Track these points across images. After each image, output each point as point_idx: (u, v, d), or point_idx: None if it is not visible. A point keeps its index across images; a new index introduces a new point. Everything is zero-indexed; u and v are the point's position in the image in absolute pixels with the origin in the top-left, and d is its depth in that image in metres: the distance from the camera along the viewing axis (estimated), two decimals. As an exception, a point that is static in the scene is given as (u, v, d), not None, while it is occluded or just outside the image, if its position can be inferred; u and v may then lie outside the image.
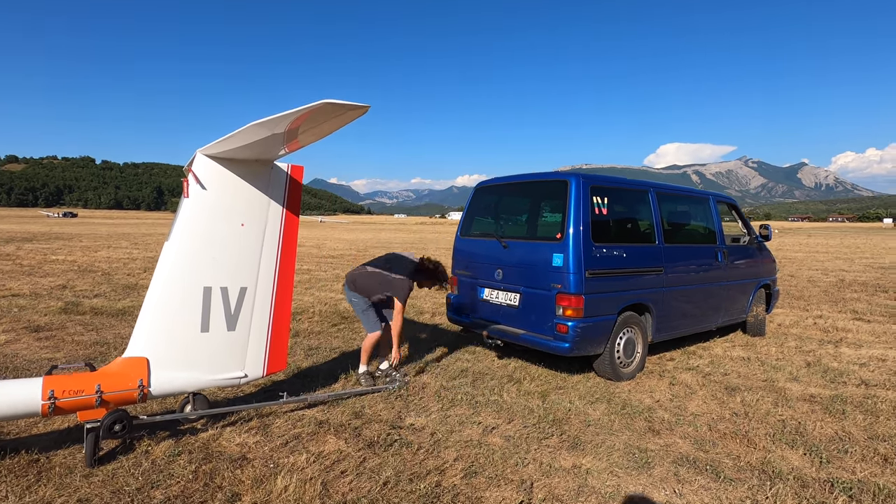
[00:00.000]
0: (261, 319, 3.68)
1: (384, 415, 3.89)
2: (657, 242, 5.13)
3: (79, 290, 9.26)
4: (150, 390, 3.23)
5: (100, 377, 3.10)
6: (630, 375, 4.87)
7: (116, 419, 3.08)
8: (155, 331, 3.29)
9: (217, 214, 3.45)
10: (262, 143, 3.05)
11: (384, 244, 26.96)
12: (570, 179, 4.59)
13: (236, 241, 3.54)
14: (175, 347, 3.34)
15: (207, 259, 3.43)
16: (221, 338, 3.51)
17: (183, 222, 3.35)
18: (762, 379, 4.93)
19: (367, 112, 2.56)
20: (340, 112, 2.52)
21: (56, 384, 2.95)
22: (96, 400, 3.03)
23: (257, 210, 3.62)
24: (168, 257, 3.33)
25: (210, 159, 3.39)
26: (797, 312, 8.50)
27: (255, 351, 3.68)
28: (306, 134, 2.92)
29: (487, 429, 3.68)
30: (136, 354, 3.24)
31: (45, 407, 2.90)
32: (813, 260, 19.15)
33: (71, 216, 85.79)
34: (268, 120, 2.61)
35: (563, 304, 4.41)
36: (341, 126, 2.82)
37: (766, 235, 6.65)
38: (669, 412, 4.05)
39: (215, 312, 3.48)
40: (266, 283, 3.69)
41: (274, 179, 3.70)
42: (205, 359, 3.46)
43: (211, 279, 3.44)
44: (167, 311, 3.32)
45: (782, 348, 6.14)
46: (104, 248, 18.77)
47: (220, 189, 3.45)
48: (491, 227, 5.55)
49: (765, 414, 4.04)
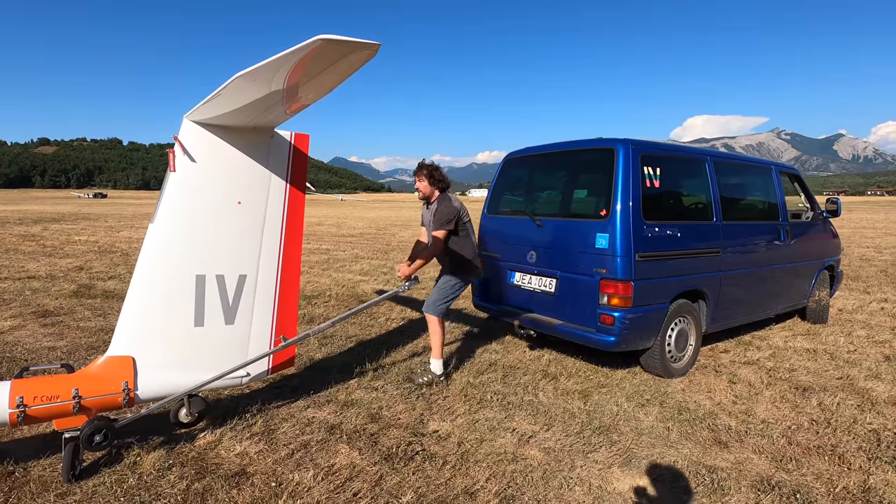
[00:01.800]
0: (263, 311, 3.25)
1: (404, 418, 3.42)
2: (714, 220, 4.46)
3: (95, 271, 9.06)
4: (136, 394, 2.83)
5: (78, 380, 2.71)
6: (682, 371, 4.28)
7: (96, 429, 2.67)
8: (141, 326, 2.87)
9: (209, 191, 2.98)
10: (256, 104, 2.50)
11: (405, 222, 26.50)
12: (618, 147, 3.94)
13: (233, 222, 3.08)
14: (164, 344, 2.92)
15: (199, 243, 2.98)
16: (218, 332, 3.08)
17: (169, 200, 2.89)
18: (837, 377, 4.29)
19: (376, 53, 1.97)
20: (341, 54, 1.95)
21: (26, 389, 2.56)
22: (74, 406, 2.63)
23: (256, 185, 3.15)
24: (153, 241, 2.88)
25: (199, 126, 2.90)
26: (857, 295, 7.70)
27: (258, 346, 3.24)
28: (307, 88, 2.34)
29: (523, 438, 3.17)
30: (120, 353, 2.83)
31: (14, 416, 2.51)
32: (861, 236, 17.89)
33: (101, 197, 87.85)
34: (256, 68, 2.05)
35: (609, 292, 3.82)
36: (346, 76, 2.23)
37: (834, 211, 5.87)
38: (735, 418, 3.48)
39: (210, 304, 3.04)
40: (269, 269, 3.24)
41: (275, 150, 3.20)
42: (199, 356, 3.04)
43: (204, 266, 3.00)
44: (154, 304, 2.89)
45: (851, 338, 5.44)
46: (126, 228, 18.80)
47: (212, 161, 2.97)
48: (522, 204, 4.94)
49: (851, 422, 3.43)
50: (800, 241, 5.47)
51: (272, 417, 3.38)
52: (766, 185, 5.28)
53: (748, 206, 5.21)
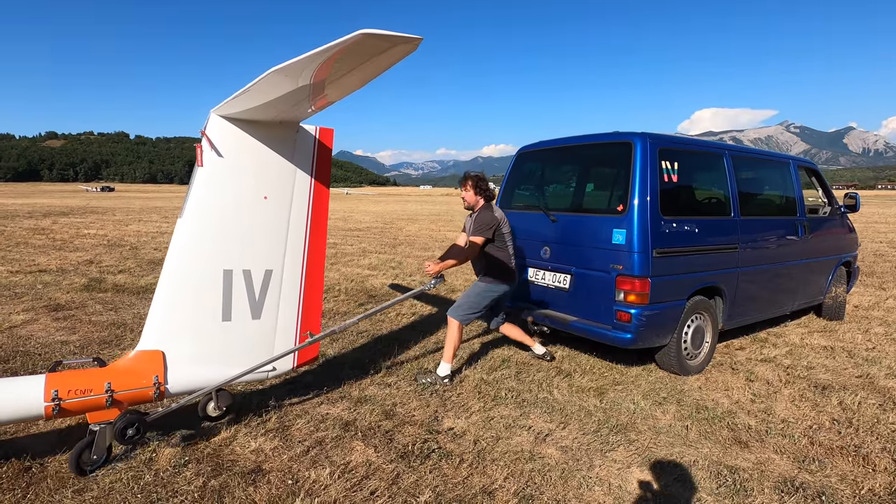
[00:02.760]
0: (289, 306, 3.26)
1: (418, 415, 3.40)
2: (732, 215, 4.38)
3: (105, 265, 9.10)
4: (166, 388, 2.85)
5: (110, 374, 2.73)
6: (698, 369, 4.23)
7: (129, 423, 2.71)
8: (170, 321, 2.90)
9: (236, 185, 3.00)
10: (284, 99, 2.48)
11: (411, 215, 26.46)
12: (636, 141, 3.86)
13: (259, 217, 3.09)
14: (193, 339, 2.95)
15: (227, 238, 3.00)
16: (245, 327, 3.11)
17: (197, 195, 2.90)
18: (856, 375, 4.22)
19: (416, 48, 1.90)
20: (382, 48, 1.90)
21: (61, 383, 2.58)
22: (107, 400, 2.65)
23: (282, 180, 3.16)
24: (182, 236, 2.90)
25: (226, 121, 2.90)
26: (873, 291, 7.58)
27: (284, 341, 3.26)
28: (335, 85, 2.32)
29: (540, 436, 3.14)
30: (151, 347, 2.85)
31: (49, 409, 2.52)
32: (874, 231, 17.66)
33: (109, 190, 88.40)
34: (290, 64, 2.02)
35: (626, 289, 3.76)
36: (381, 71, 2.18)
37: (853, 206, 5.77)
38: (755, 418, 3.42)
39: (237, 299, 3.06)
40: (294, 264, 3.25)
41: (300, 145, 3.20)
42: (227, 351, 3.06)
43: (231, 261, 3.02)
44: (184, 299, 2.92)
45: (868, 335, 5.35)
46: (135, 222, 18.89)
47: (239, 156, 2.98)
48: (536, 199, 4.88)
49: (873, 422, 3.37)
50: (817, 237, 5.38)
51: (286, 414, 3.36)
52: (783, 180, 5.19)
53: (766, 201, 5.12)
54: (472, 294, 4.01)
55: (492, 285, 3.97)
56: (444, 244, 13.31)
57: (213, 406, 3.14)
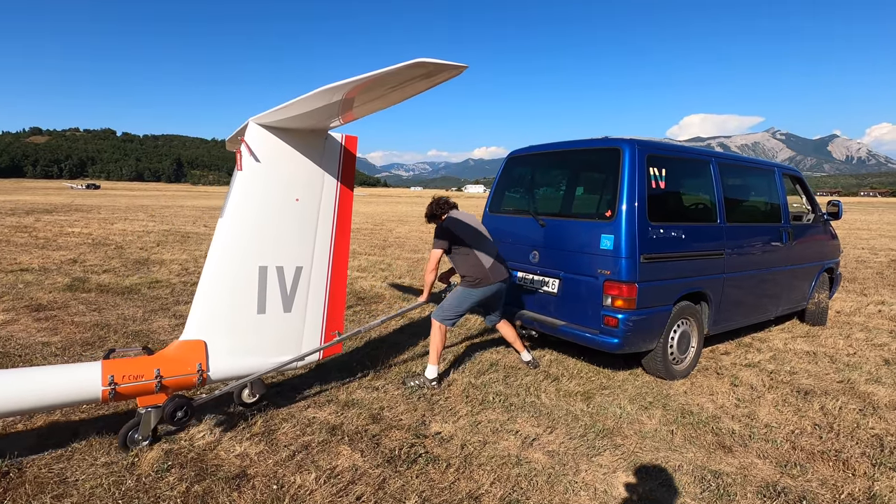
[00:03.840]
0: (316, 300, 3.49)
1: (405, 419, 3.39)
2: (718, 221, 4.44)
3: (89, 264, 8.95)
4: (208, 374, 3.08)
5: (158, 361, 2.94)
6: (684, 373, 4.27)
7: (178, 406, 2.92)
8: (211, 313, 3.12)
9: (272, 188, 3.23)
10: (321, 111, 2.71)
11: (401, 217, 26.42)
12: (624, 147, 3.90)
13: (291, 218, 3.33)
14: (232, 330, 3.17)
15: (263, 237, 3.23)
16: (278, 320, 3.33)
17: (237, 197, 3.14)
18: (837, 380, 4.29)
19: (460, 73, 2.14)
20: (432, 74, 2.13)
21: (115, 369, 2.80)
22: (156, 385, 2.88)
23: (312, 183, 3.40)
24: (223, 235, 3.13)
25: (263, 129, 3.14)
26: (855, 297, 7.73)
27: (311, 333, 3.49)
28: (372, 101, 2.58)
29: (527, 440, 3.15)
30: (193, 337, 3.08)
31: (106, 392, 2.74)
32: (856, 237, 18.01)
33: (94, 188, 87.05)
34: (343, 83, 2.24)
35: (613, 294, 3.79)
36: (416, 93, 2.43)
37: (836, 213, 5.88)
38: (739, 422, 3.46)
39: (271, 293, 3.29)
40: (321, 262, 3.49)
41: (328, 151, 3.44)
42: (262, 342, 3.29)
43: (267, 258, 3.25)
44: (223, 292, 3.14)
45: (850, 341, 5.45)
46: (121, 221, 18.61)
47: (275, 161, 3.21)
48: (525, 203, 4.90)
49: (853, 427, 3.43)
50: (800, 244, 5.47)
51: (272, 417, 3.33)
52: (768, 187, 5.27)
53: (751, 208, 5.20)
54: (451, 297, 4.07)
55: (467, 289, 3.99)
56: (434, 246, 13.32)
57: (248, 393, 3.42)
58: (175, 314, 5.84)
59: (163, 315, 5.78)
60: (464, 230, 4.01)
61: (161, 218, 20.86)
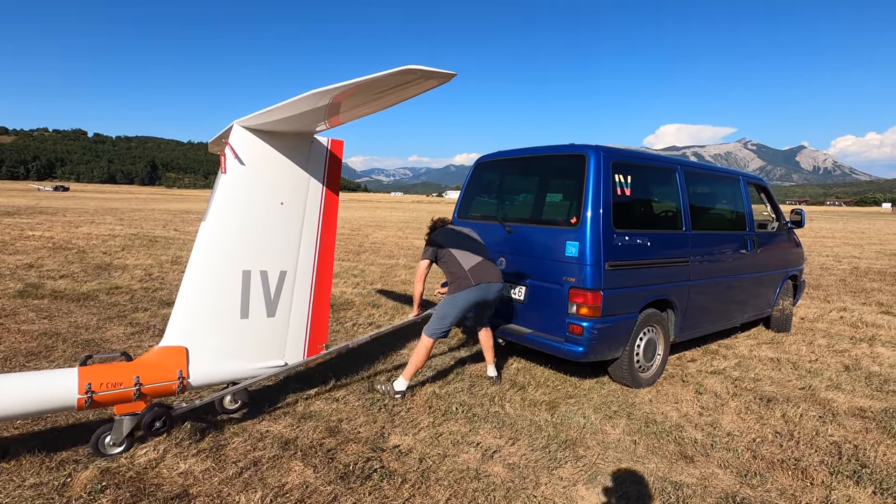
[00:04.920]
0: (300, 305, 3.45)
1: (364, 431, 3.26)
2: (684, 229, 4.45)
3: (46, 269, 8.56)
4: (189, 381, 3.00)
5: (138, 368, 2.87)
6: (650, 381, 4.25)
7: (157, 416, 2.86)
8: (193, 318, 3.05)
9: (256, 192, 3.18)
10: (307, 115, 2.67)
11: (379, 222, 26.22)
12: (589, 153, 3.88)
13: (276, 222, 3.29)
14: (214, 335, 3.11)
15: (246, 240, 3.17)
16: (261, 324, 3.29)
17: (220, 200, 3.08)
18: (799, 387, 4.33)
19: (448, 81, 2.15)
20: (421, 80, 2.11)
21: (93, 376, 2.71)
22: (135, 393, 2.80)
23: (297, 187, 3.36)
24: (205, 238, 3.06)
25: (248, 131, 3.10)
26: (818, 304, 7.90)
27: (295, 338, 3.45)
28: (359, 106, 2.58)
29: (487, 453, 3.06)
30: (174, 343, 3.01)
31: (82, 401, 2.66)
32: (821, 245, 18.56)
33: (63, 190, 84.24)
34: (331, 88, 2.23)
35: (578, 301, 3.75)
36: (403, 99, 2.42)
37: (798, 221, 5.99)
38: (701, 431, 3.44)
39: (255, 298, 3.24)
40: (306, 266, 3.46)
41: (314, 154, 3.40)
42: (244, 347, 3.23)
43: (250, 262, 3.20)
44: (206, 297, 3.08)
45: (812, 347, 5.54)
46: (87, 224, 17.96)
47: (259, 164, 3.16)
48: (493, 209, 4.85)
49: (813, 434, 3.44)
50: (765, 251, 5.55)
51: (223, 431, 3.17)
52: (733, 196, 5.33)
53: (717, 216, 5.25)
54: (438, 308, 3.95)
55: (451, 296, 3.89)
56: (410, 252, 13.20)
57: (230, 400, 3.38)
58: (132, 322, 5.59)
59: (118, 323, 5.53)
60: (446, 236, 3.96)
61: (130, 221, 20.23)
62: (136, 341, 4.93)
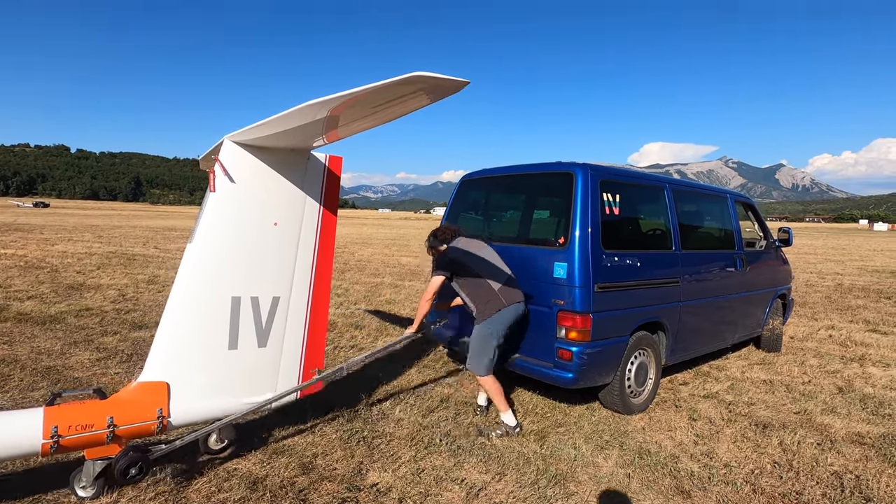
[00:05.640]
0: (294, 334, 3.19)
1: (340, 468, 3.04)
2: (674, 249, 4.35)
3: (14, 289, 8.18)
4: (169, 421, 2.72)
5: (112, 407, 2.59)
6: (642, 407, 4.09)
7: (131, 461, 2.55)
8: (176, 349, 2.77)
9: (247, 211, 2.94)
10: (304, 129, 2.45)
11: (365, 239, 25.99)
12: (576, 171, 3.76)
13: (269, 244, 3.04)
14: (199, 369, 2.83)
15: (236, 264, 2.92)
16: (251, 356, 3.01)
17: (209, 221, 2.83)
18: (794, 411, 4.20)
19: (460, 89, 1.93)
20: (430, 89, 1.91)
21: (60, 417, 2.43)
22: (107, 435, 2.52)
23: (292, 207, 3.12)
24: (191, 262, 2.80)
25: (240, 147, 2.86)
26: (806, 322, 7.86)
27: (288, 370, 3.17)
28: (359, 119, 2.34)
29: (472, 490, 2.85)
30: (155, 378, 2.72)
31: (47, 447, 2.38)
32: (804, 262, 18.77)
33: (43, 206, 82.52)
34: (330, 98, 2.01)
35: (567, 325, 3.59)
36: (409, 111, 2.21)
37: (786, 239, 5.95)
38: (698, 462, 3.28)
39: (245, 326, 2.97)
40: (300, 292, 3.20)
41: (310, 172, 3.17)
42: (232, 380, 2.95)
43: (240, 288, 2.94)
44: (190, 326, 2.80)
45: (804, 367, 5.44)
46: (63, 242, 17.45)
47: (252, 182, 2.93)
48: (478, 228, 4.70)
49: (812, 463, 3.29)
50: (754, 270, 5.47)
51: (188, 469, 2.92)
52: (722, 214, 5.27)
53: (706, 235, 5.17)
54: (475, 340, 3.63)
55: (484, 324, 3.59)
56: (396, 270, 12.99)
57: (214, 439, 3.06)
58: (99, 346, 5.29)
59: (84, 348, 5.23)
60: (468, 252, 3.71)
61: (109, 239, 19.73)
62: (101, 368, 4.64)
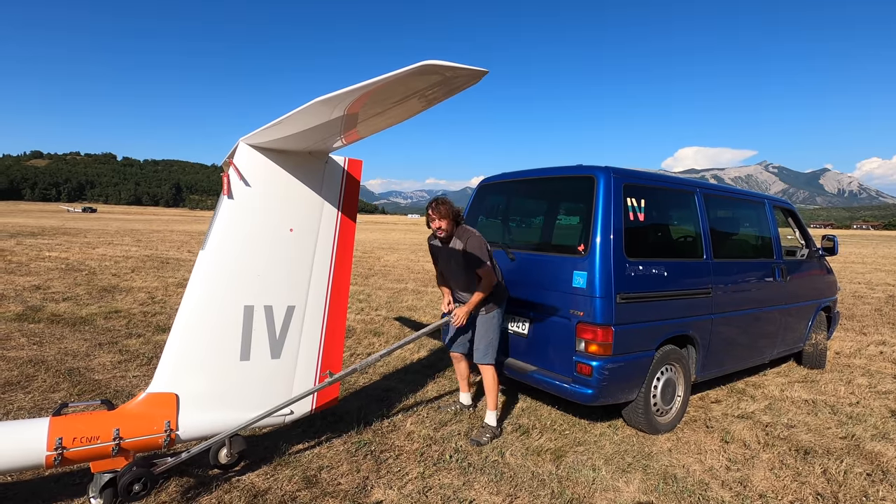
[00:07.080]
0: (310, 345, 3.09)
1: (344, 482, 2.92)
2: (704, 257, 4.07)
3: (51, 291, 8.50)
4: (178, 434, 2.66)
5: (119, 419, 2.54)
6: (669, 426, 3.82)
7: (136, 477, 2.50)
8: (186, 360, 2.71)
9: (262, 217, 2.87)
10: (321, 129, 2.33)
11: (392, 244, 26.08)
12: (598, 175, 3.56)
13: (284, 251, 2.96)
14: (209, 380, 2.76)
15: (250, 272, 2.84)
16: (264, 367, 2.93)
17: (222, 227, 2.76)
18: (840, 435, 3.84)
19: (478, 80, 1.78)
20: (443, 81, 1.78)
21: (66, 429, 2.39)
22: (113, 448, 2.47)
23: (309, 213, 3.04)
24: (203, 269, 2.73)
25: (255, 150, 2.79)
26: (854, 336, 7.32)
27: (303, 382, 3.07)
28: (378, 115, 2.20)
29: (481, 513, 2.68)
30: (164, 390, 2.66)
31: (50, 459, 2.34)
32: (851, 271, 17.70)
33: (91, 211, 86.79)
34: (338, 94, 1.89)
35: (587, 338, 3.39)
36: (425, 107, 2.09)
37: (831, 248, 5.54)
38: (729, 490, 3.01)
39: (258, 337, 2.89)
40: (317, 301, 3.09)
41: (328, 176, 3.07)
42: (244, 393, 2.87)
43: (253, 296, 2.86)
44: (201, 336, 2.73)
45: (851, 387, 5.02)
46: (104, 245, 18.18)
47: (267, 187, 2.85)
48: (497, 234, 4.53)
49: (860, 496, 2.98)
50: (795, 281, 5.10)
51: (186, 481, 2.86)
52: (758, 220, 4.94)
53: (740, 243, 4.85)
54: (490, 330, 3.61)
55: (492, 313, 3.62)
56: (420, 276, 12.91)
57: (225, 453, 2.92)
58: (123, 349, 5.38)
59: (108, 350, 5.32)
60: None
61: (147, 243, 20.44)
62: (121, 371, 4.69)
